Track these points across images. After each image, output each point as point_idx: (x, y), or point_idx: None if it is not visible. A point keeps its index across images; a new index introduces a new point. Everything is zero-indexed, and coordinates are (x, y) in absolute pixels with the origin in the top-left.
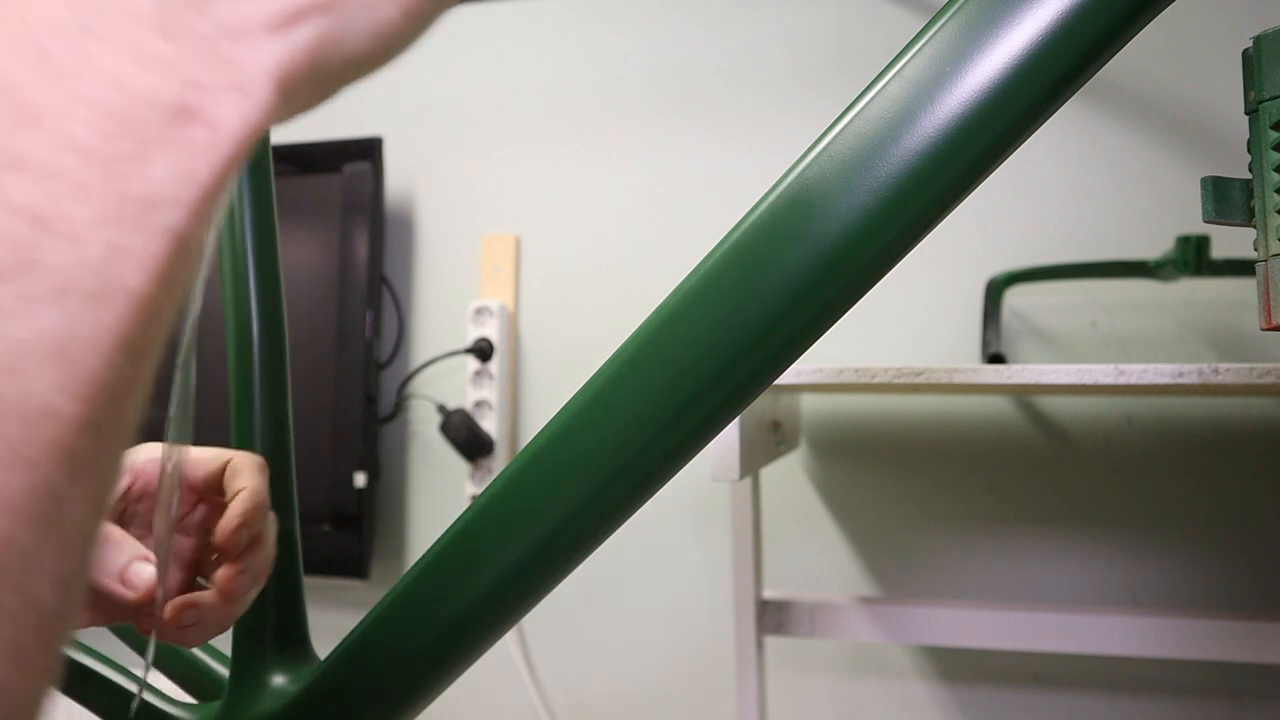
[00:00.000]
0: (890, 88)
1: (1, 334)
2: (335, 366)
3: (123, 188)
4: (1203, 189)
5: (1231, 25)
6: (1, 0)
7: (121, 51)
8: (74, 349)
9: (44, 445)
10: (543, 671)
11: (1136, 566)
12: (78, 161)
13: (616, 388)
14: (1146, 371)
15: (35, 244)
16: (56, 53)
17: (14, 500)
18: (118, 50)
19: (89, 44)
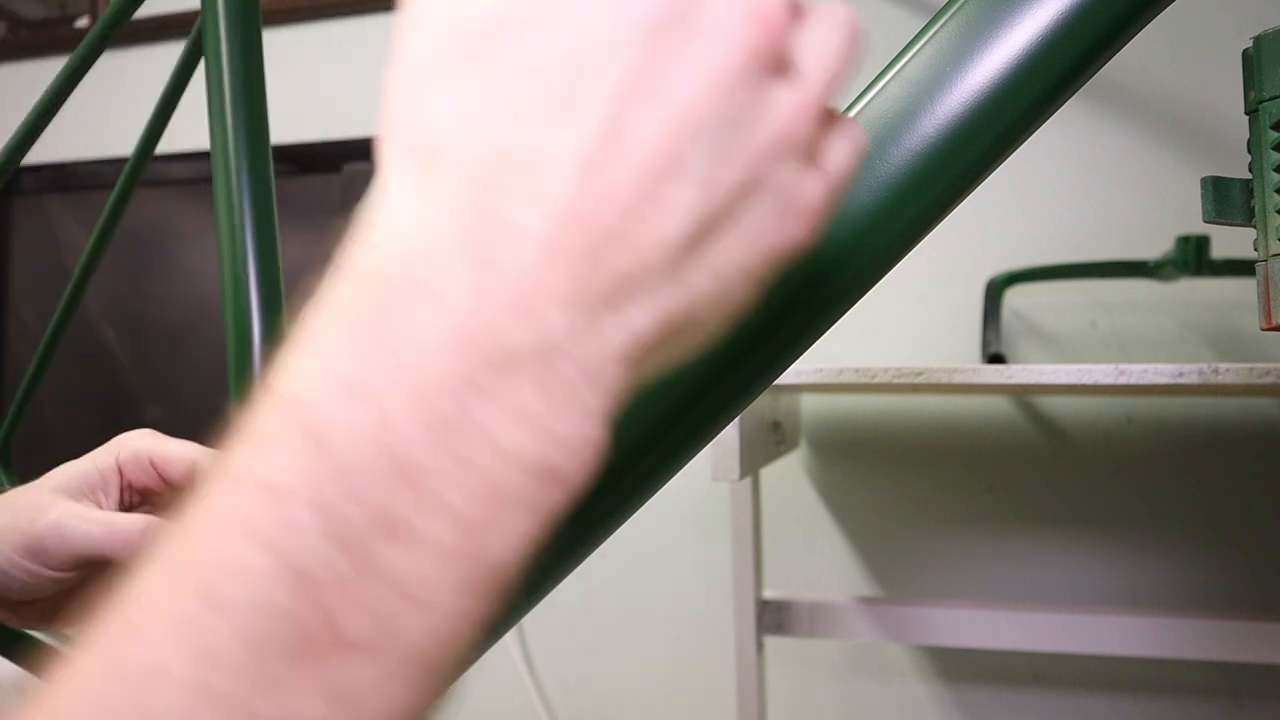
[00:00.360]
0: (890, 88)
1: (360, 712)
2: None
3: (480, 555)
4: (1203, 189)
5: (1231, 25)
6: (399, 363)
7: (503, 409)
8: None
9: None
10: (543, 671)
11: (1136, 566)
12: (445, 527)
13: None
14: (1146, 371)
15: (397, 615)
16: (442, 408)
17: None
18: (499, 408)
19: (473, 399)
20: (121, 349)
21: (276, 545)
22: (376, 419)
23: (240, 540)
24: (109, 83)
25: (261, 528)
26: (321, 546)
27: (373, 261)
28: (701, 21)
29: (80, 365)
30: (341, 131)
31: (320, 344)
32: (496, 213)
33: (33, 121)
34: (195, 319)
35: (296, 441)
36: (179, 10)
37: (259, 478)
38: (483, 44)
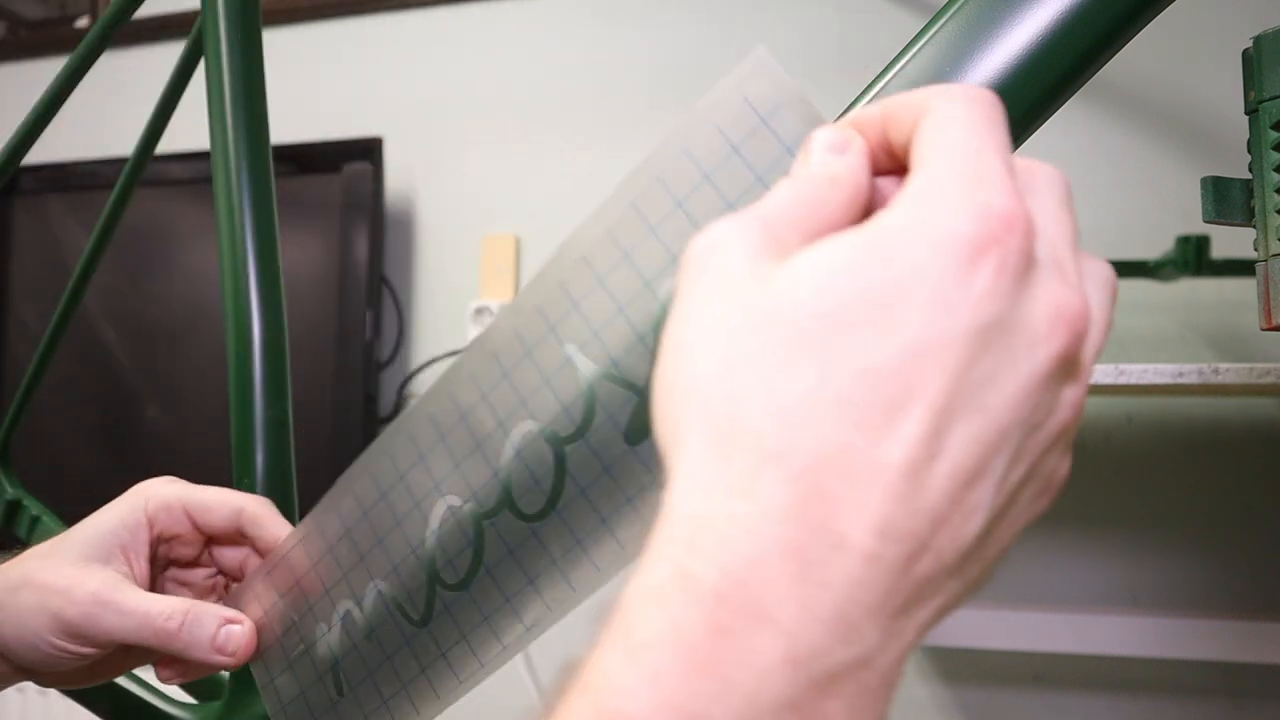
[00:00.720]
0: (891, 88)
1: None
2: (335, 366)
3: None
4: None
5: (1231, 25)
6: (734, 691)
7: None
8: None
9: None
10: (543, 671)
11: (1136, 566)
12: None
13: None
14: (1146, 371)
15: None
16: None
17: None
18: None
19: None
20: (121, 349)
21: None
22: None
23: None
24: (109, 83)
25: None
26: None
27: (709, 576)
28: (1020, 329)
29: (80, 365)
30: (341, 131)
31: (654, 662)
32: (825, 524)
33: (33, 121)
34: (195, 319)
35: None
36: (179, 10)
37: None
38: (813, 335)
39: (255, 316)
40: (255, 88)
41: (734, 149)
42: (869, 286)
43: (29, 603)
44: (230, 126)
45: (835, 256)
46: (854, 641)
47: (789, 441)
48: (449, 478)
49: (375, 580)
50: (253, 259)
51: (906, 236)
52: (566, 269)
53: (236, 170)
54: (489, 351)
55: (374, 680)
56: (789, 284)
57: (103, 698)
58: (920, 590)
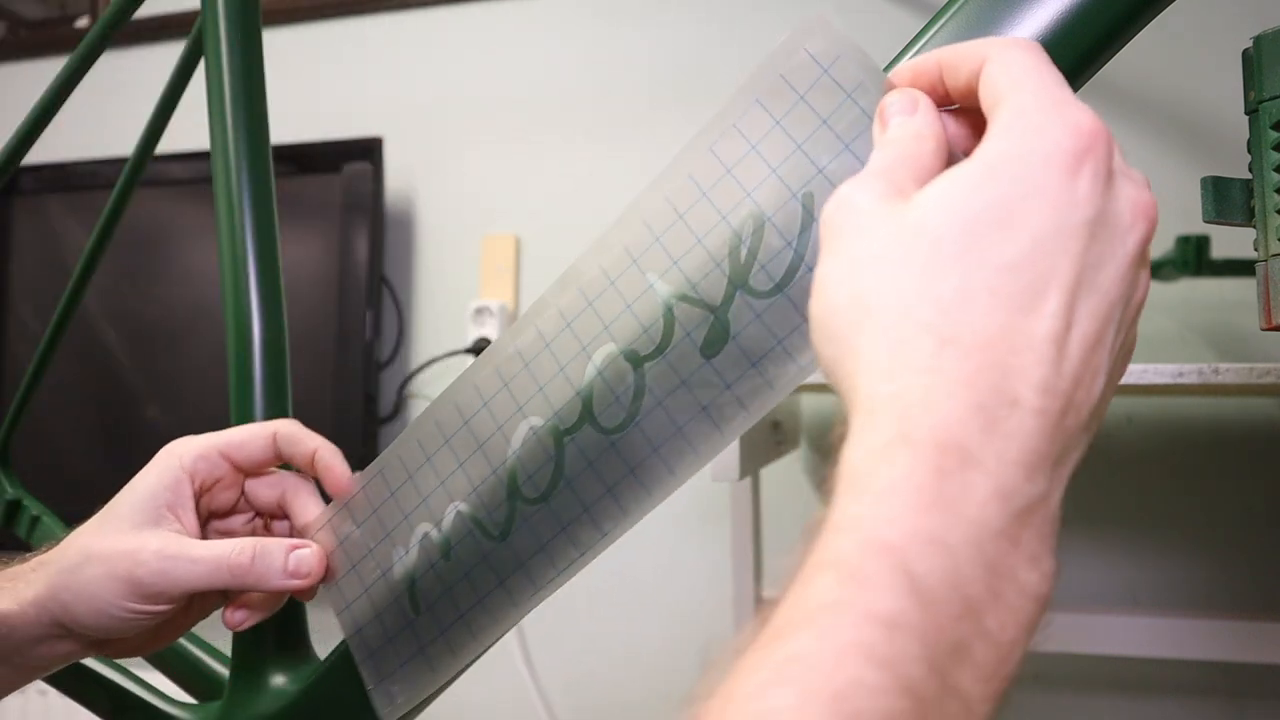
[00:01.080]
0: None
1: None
2: (335, 366)
3: (1002, 672)
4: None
5: (1231, 25)
6: (963, 519)
7: (1021, 553)
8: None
9: None
10: (543, 671)
11: (1136, 566)
12: (988, 651)
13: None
14: (1146, 371)
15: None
16: (989, 555)
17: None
18: (1019, 552)
19: (1006, 547)
20: (121, 349)
21: (895, 669)
22: (950, 565)
23: (864, 664)
24: (109, 83)
25: (880, 654)
26: (922, 671)
27: (924, 433)
28: (1114, 222)
29: (80, 365)
30: (341, 131)
31: (894, 501)
32: (999, 387)
33: (33, 121)
34: (195, 319)
35: (900, 583)
36: (179, 10)
37: (870, 610)
38: (953, 245)
39: (255, 316)
40: (255, 88)
41: (800, 97)
42: (992, 201)
43: (96, 574)
44: (230, 126)
45: (954, 184)
46: (1036, 482)
47: (955, 327)
48: (532, 400)
49: (455, 502)
50: (253, 259)
51: (1015, 157)
52: (650, 209)
53: (236, 170)
54: (574, 286)
55: (451, 596)
56: (921, 212)
57: (103, 697)
58: (1069, 442)
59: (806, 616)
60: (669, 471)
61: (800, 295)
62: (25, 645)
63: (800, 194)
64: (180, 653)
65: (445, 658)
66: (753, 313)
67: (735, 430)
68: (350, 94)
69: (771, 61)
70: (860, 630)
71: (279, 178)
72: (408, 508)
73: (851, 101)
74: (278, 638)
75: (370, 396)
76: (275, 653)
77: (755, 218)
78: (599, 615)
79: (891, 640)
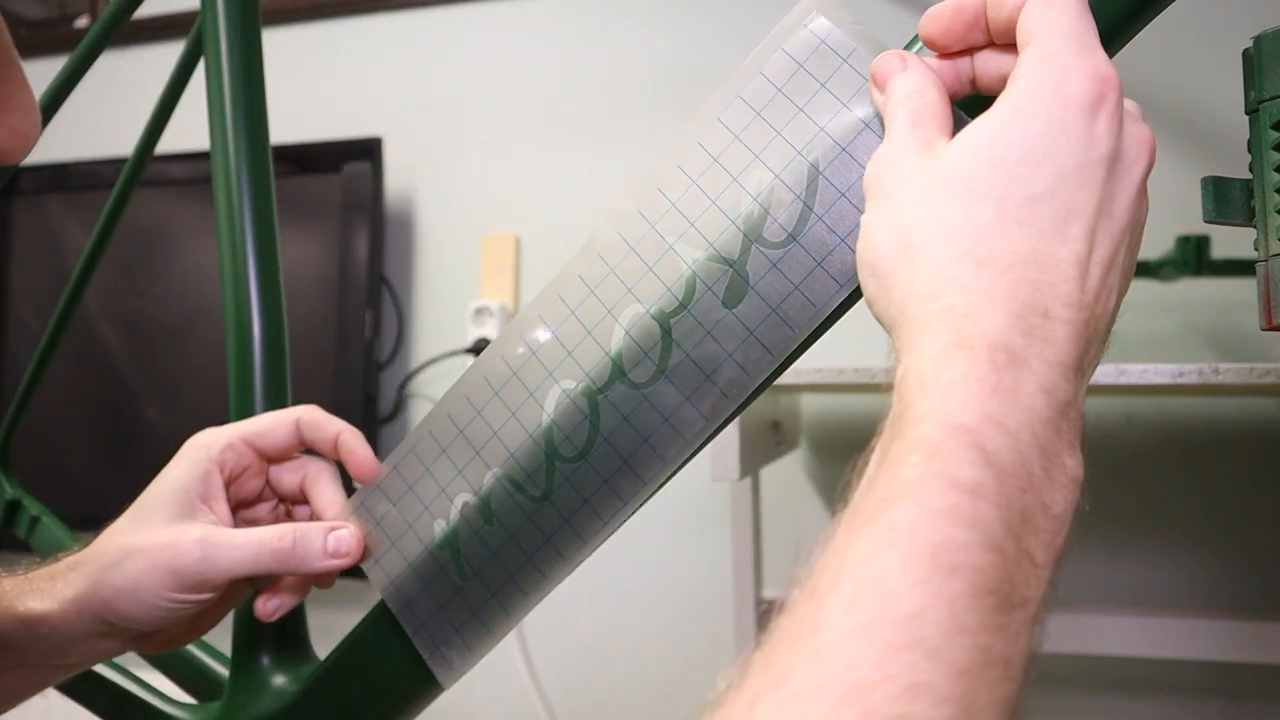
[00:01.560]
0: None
1: (1014, 652)
2: (335, 366)
3: (1056, 542)
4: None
5: (1231, 25)
6: (1020, 407)
7: (1064, 440)
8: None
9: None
10: (543, 671)
11: (1136, 566)
12: (1047, 522)
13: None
14: (1146, 371)
15: (1029, 583)
16: (1043, 437)
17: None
18: (1063, 440)
19: (1054, 433)
20: (121, 349)
21: (980, 528)
22: (1014, 445)
23: (956, 524)
24: (108, 83)
25: (967, 516)
26: (1000, 531)
27: (976, 338)
28: (1125, 156)
29: (80, 365)
30: (341, 131)
31: (960, 392)
32: (1032, 300)
33: None
34: (195, 319)
35: (976, 458)
36: (179, 10)
37: (956, 479)
38: (984, 181)
39: (255, 316)
40: (255, 87)
41: (799, 65)
42: (1018, 139)
43: (139, 567)
44: (230, 126)
45: (982, 129)
46: (1069, 381)
47: (990, 251)
48: (563, 364)
49: (493, 469)
50: (253, 258)
51: (1040, 98)
52: (663, 177)
53: (236, 170)
54: (595, 253)
55: (498, 559)
56: (956, 154)
57: (104, 698)
58: (1089, 350)
59: (901, 491)
60: (702, 418)
61: (812, 243)
62: (67, 644)
63: (805, 152)
64: (180, 653)
65: (499, 617)
66: (769, 262)
67: (761, 372)
68: (350, 94)
69: (773, 37)
70: (948, 497)
71: (278, 178)
72: (444, 480)
73: (848, 66)
74: (277, 638)
75: (370, 396)
76: (275, 653)
77: (764, 176)
78: (599, 615)
79: (975, 505)
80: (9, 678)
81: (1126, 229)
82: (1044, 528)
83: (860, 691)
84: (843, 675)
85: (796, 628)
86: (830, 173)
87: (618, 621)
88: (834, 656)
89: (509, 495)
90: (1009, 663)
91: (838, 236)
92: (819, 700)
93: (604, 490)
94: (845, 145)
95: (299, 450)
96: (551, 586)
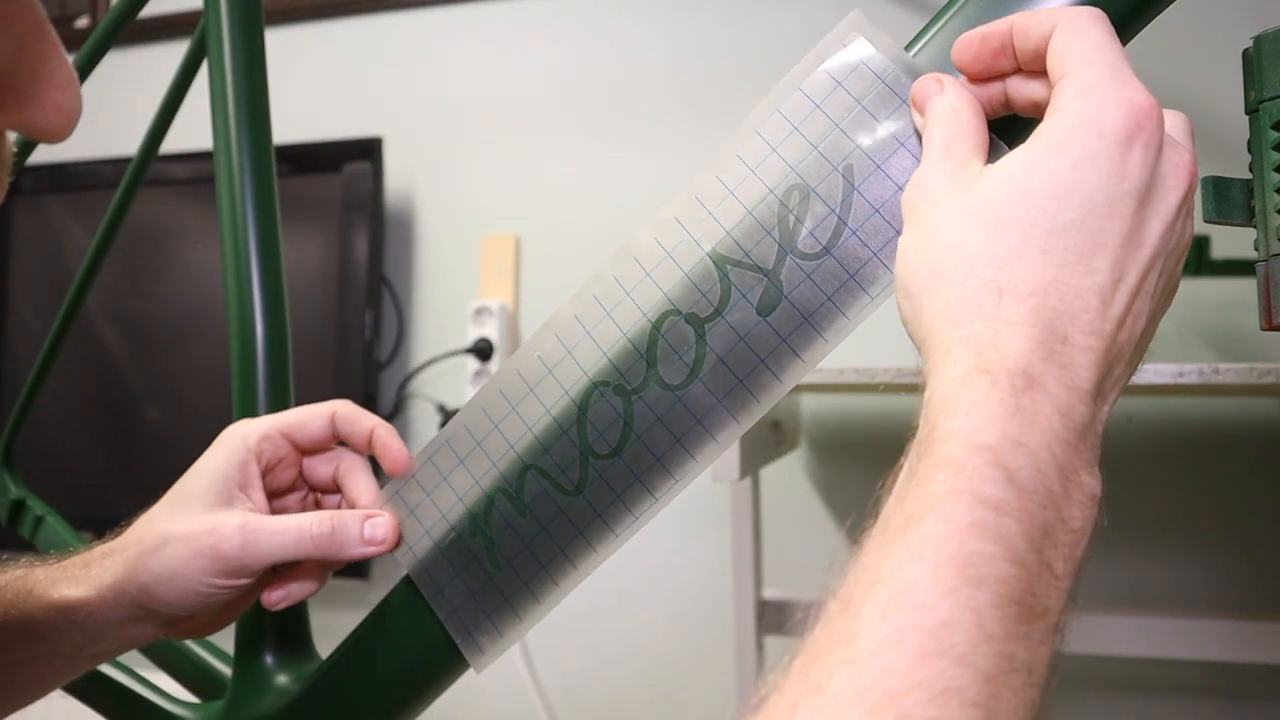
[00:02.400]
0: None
1: (1036, 659)
2: (335, 366)
3: (1075, 556)
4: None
5: (1231, 25)
6: (1039, 428)
7: (1082, 461)
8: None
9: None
10: (543, 671)
11: (1137, 566)
12: (1066, 537)
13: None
14: (1146, 371)
15: (1051, 593)
16: (1061, 457)
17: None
18: (1081, 460)
19: (1072, 453)
20: (123, 349)
21: (1004, 542)
22: (1034, 463)
23: (981, 539)
24: (108, 82)
25: (991, 530)
26: (1023, 545)
27: (996, 364)
28: (1160, 184)
29: (81, 365)
30: (341, 131)
31: (981, 413)
32: (1052, 327)
33: None
34: (197, 319)
35: (999, 475)
36: (180, 10)
37: (981, 495)
38: (1013, 211)
39: (258, 315)
40: (258, 88)
41: (838, 83)
42: (1050, 173)
43: (179, 553)
44: (233, 126)
45: (1017, 161)
46: (1086, 405)
47: (1012, 278)
48: (598, 364)
49: (527, 463)
50: (255, 258)
51: (1075, 132)
52: (701, 186)
53: (239, 170)
54: (631, 257)
55: (530, 549)
56: (989, 186)
57: (107, 696)
58: (1112, 373)
59: (929, 506)
60: (734, 422)
61: (845, 256)
62: (102, 630)
63: (841, 167)
64: (183, 652)
65: (530, 605)
66: (803, 273)
67: (793, 378)
68: (350, 94)
69: (812, 55)
70: (974, 512)
71: (280, 178)
72: (478, 472)
73: (884, 86)
74: (279, 637)
75: (370, 396)
76: (277, 652)
77: (800, 189)
78: (599, 615)
79: (1000, 521)
80: (40, 667)
81: (1159, 255)
82: (1063, 541)
83: (893, 697)
84: (877, 682)
85: (834, 636)
86: (865, 188)
87: (618, 622)
88: (868, 664)
89: (542, 489)
90: (1032, 669)
91: (870, 250)
92: (855, 706)
93: (636, 487)
94: (880, 162)
95: (333, 444)
96: (583, 576)
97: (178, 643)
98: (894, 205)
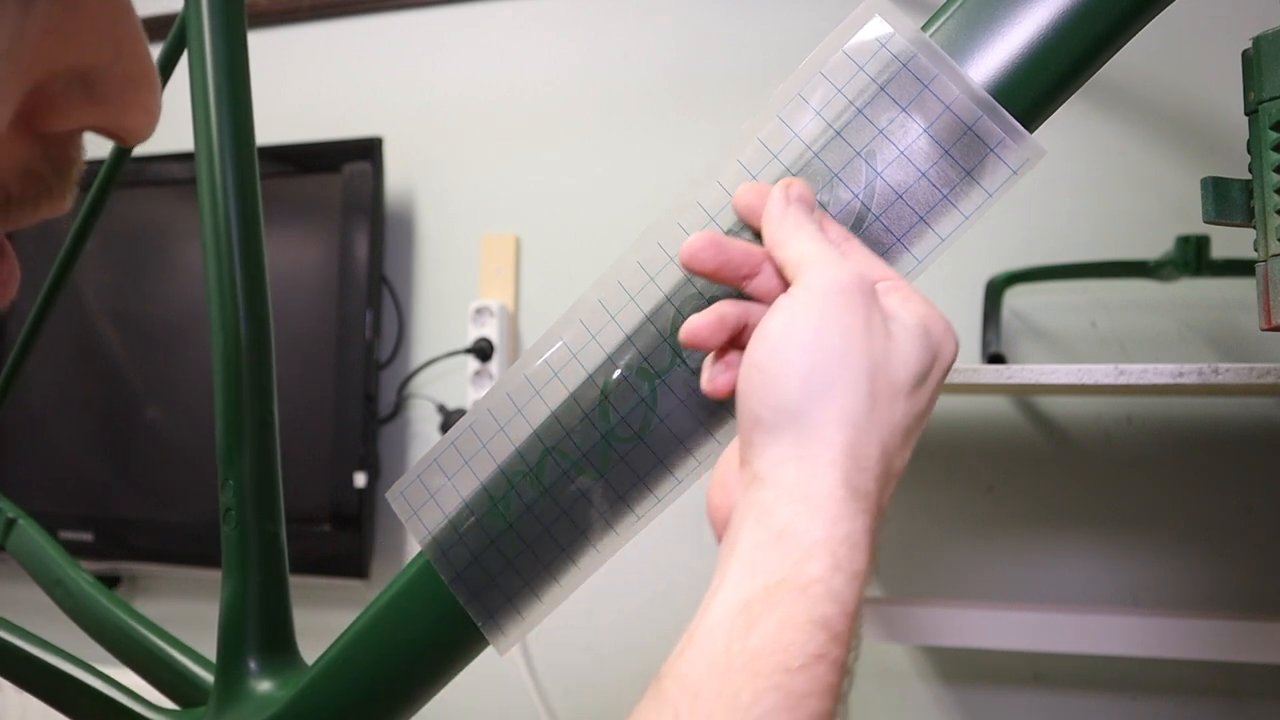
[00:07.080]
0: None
1: (829, 688)
2: (335, 366)
3: (853, 610)
4: (1203, 189)
5: (1231, 25)
6: (836, 537)
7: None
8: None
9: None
10: (543, 671)
11: (1136, 566)
12: (855, 597)
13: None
14: (1146, 371)
15: (844, 651)
16: (852, 540)
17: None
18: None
19: (861, 529)
20: (121, 349)
21: (831, 630)
22: (831, 568)
23: (816, 632)
24: None
25: (824, 620)
26: (844, 628)
27: (818, 481)
28: (938, 362)
29: (79, 365)
30: (341, 131)
31: (828, 508)
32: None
33: None
34: (196, 319)
35: (820, 586)
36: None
37: (822, 604)
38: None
39: (242, 316)
40: (239, 83)
41: (859, 67)
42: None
43: None
44: (215, 122)
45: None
46: (874, 492)
47: (800, 407)
48: (621, 348)
49: (548, 447)
50: (238, 258)
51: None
52: (722, 170)
53: (221, 168)
54: (654, 241)
55: (551, 533)
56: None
57: (84, 703)
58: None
59: (764, 603)
60: None
61: (869, 242)
62: None
63: (863, 152)
64: (162, 657)
65: (550, 588)
66: None
67: None
68: (350, 94)
69: (832, 38)
70: (817, 609)
71: (279, 178)
72: (500, 457)
73: (906, 70)
74: (262, 643)
75: (370, 396)
76: (259, 658)
77: (823, 174)
78: (598, 616)
79: (825, 612)
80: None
81: (928, 406)
82: (852, 609)
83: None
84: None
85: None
86: (888, 174)
87: (617, 622)
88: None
89: (563, 473)
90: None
91: (894, 236)
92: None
93: (659, 469)
94: (903, 149)
95: None
96: (604, 559)
97: (157, 648)
98: (917, 191)
